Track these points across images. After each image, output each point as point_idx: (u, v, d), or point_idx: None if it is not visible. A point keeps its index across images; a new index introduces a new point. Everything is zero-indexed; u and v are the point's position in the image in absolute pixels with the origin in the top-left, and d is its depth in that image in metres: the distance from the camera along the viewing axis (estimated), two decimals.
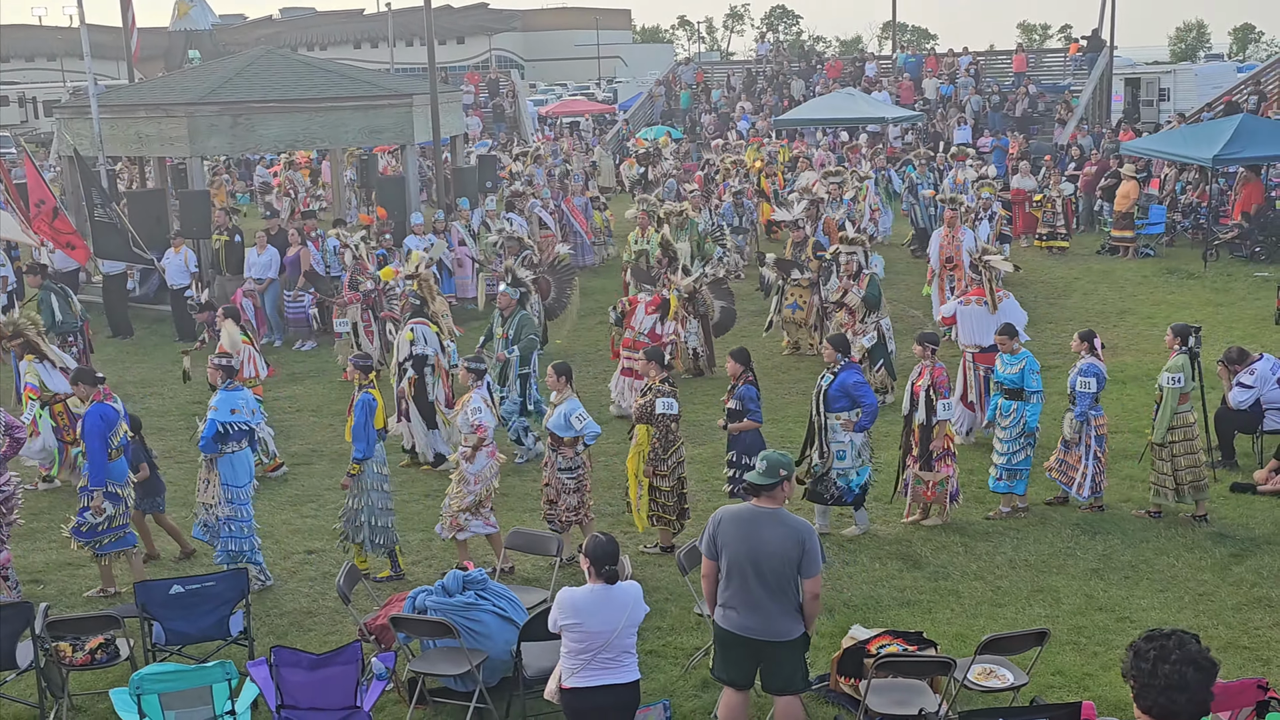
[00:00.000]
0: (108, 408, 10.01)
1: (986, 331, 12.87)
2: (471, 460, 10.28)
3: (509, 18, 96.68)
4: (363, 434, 10.26)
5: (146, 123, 21.57)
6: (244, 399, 10.32)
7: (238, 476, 10.17)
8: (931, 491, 11.11)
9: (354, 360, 10.82)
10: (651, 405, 10.52)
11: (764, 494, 7.06)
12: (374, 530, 10.36)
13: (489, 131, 43.24)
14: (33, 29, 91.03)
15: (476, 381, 10.61)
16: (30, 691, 8.28)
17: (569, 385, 10.52)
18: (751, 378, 10.92)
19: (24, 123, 58.85)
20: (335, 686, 7.45)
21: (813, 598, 7.09)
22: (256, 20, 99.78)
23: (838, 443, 10.84)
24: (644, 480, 10.61)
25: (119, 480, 10.06)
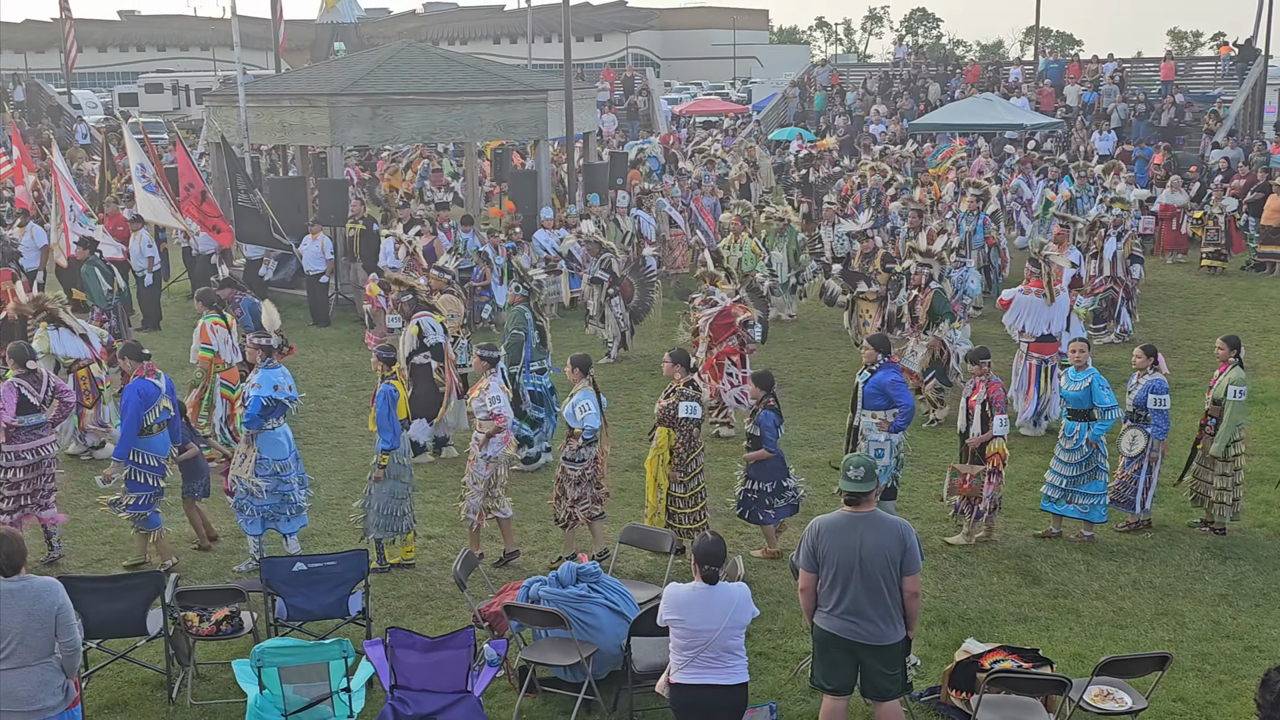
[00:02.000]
0: (148, 384, 10.41)
1: (1040, 322, 13.64)
2: (484, 446, 10.38)
3: (647, 16, 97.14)
4: (387, 424, 10.40)
5: (290, 112, 22.18)
6: (283, 376, 10.60)
7: (277, 451, 10.46)
8: (968, 484, 10.82)
9: (378, 352, 10.97)
10: (674, 408, 10.43)
11: (863, 501, 7.03)
12: (381, 517, 10.46)
13: (624, 129, 43.46)
14: (187, 19, 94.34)
15: (491, 369, 10.66)
16: (158, 658, 8.60)
17: (584, 378, 10.48)
18: (773, 403, 10.70)
19: (176, 110, 60.92)
20: (448, 670, 7.58)
21: (913, 595, 7.06)
22: (400, 14, 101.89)
23: (874, 441, 10.71)
24: (663, 484, 10.54)
25: (158, 453, 10.46)
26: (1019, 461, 12.33)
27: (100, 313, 16.11)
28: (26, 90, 44.37)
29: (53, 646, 6.59)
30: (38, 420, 10.60)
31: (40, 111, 42.63)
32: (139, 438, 10.34)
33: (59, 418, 10.99)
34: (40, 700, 6.56)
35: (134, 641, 8.56)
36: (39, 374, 10.79)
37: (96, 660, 8.55)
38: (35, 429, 10.60)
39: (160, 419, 10.48)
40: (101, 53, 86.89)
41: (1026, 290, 13.92)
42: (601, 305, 17.22)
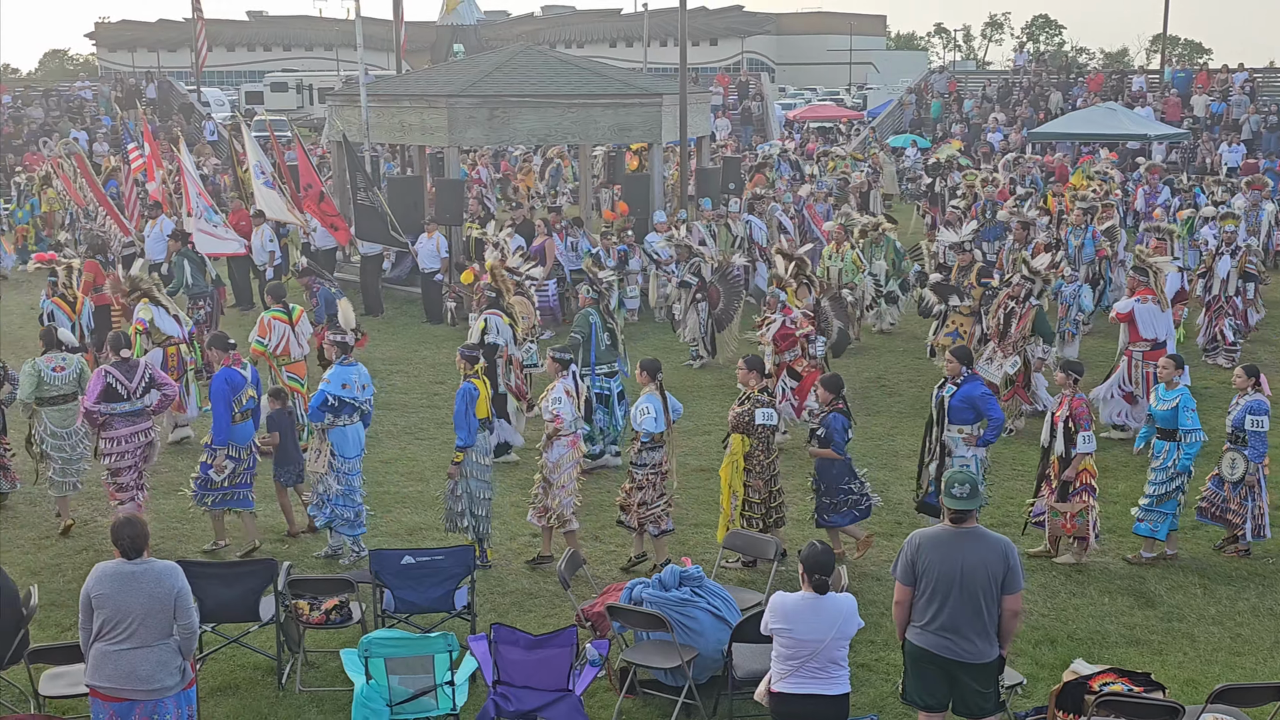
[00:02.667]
0: (235, 373, 10.75)
1: (1160, 328, 13.93)
2: (549, 449, 10.42)
3: (763, 21, 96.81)
4: (463, 422, 10.48)
5: (410, 112, 22.58)
6: (357, 374, 10.75)
7: (346, 449, 10.63)
8: (1070, 524, 10.56)
9: (461, 351, 11.05)
10: (750, 415, 10.38)
11: (967, 517, 6.94)
12: (474, 518, 10.60)
13: (737, 134, 43.40)
14: (312, 20, 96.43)
15: (562, 372, 10.67)
16: (270, 644, 8.81)
17: (652, 382, 10.45)
18: (843, 406, 10.60)
19: (299, 108, 62.33)
20: (550, 668, 7.65)
21: (1013, 614, 6.97)
22: (519, 17, 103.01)
23: (960, 457, 10.51)
24: (738, 492, 10.47)
25: (241, 443, 10.76)
26: (1135, 479, 12.03)
27: (191, 302, 16.67)
28: (158, 88, 45.74)
29: (171, 628, 6.80)
30: (130, 408, 10.79)
31: (171, 108, 43.92)
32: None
33: (159, 408, 11.26)
34: (159, 680, 6.77)
35: (247, 627, 8.78)
36: (133, 364, 11.01)
37: (211, 644, 8.79)
38: (130, 416, 10.82)
39: (245, 408, 10.81)
40: (230, 52, 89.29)
41: (1144, 299, 13.93)
42: (687, 310, 17.23)
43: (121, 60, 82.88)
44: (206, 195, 19.36)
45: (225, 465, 10.67)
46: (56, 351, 11.72)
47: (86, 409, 10.81)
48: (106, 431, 10.81)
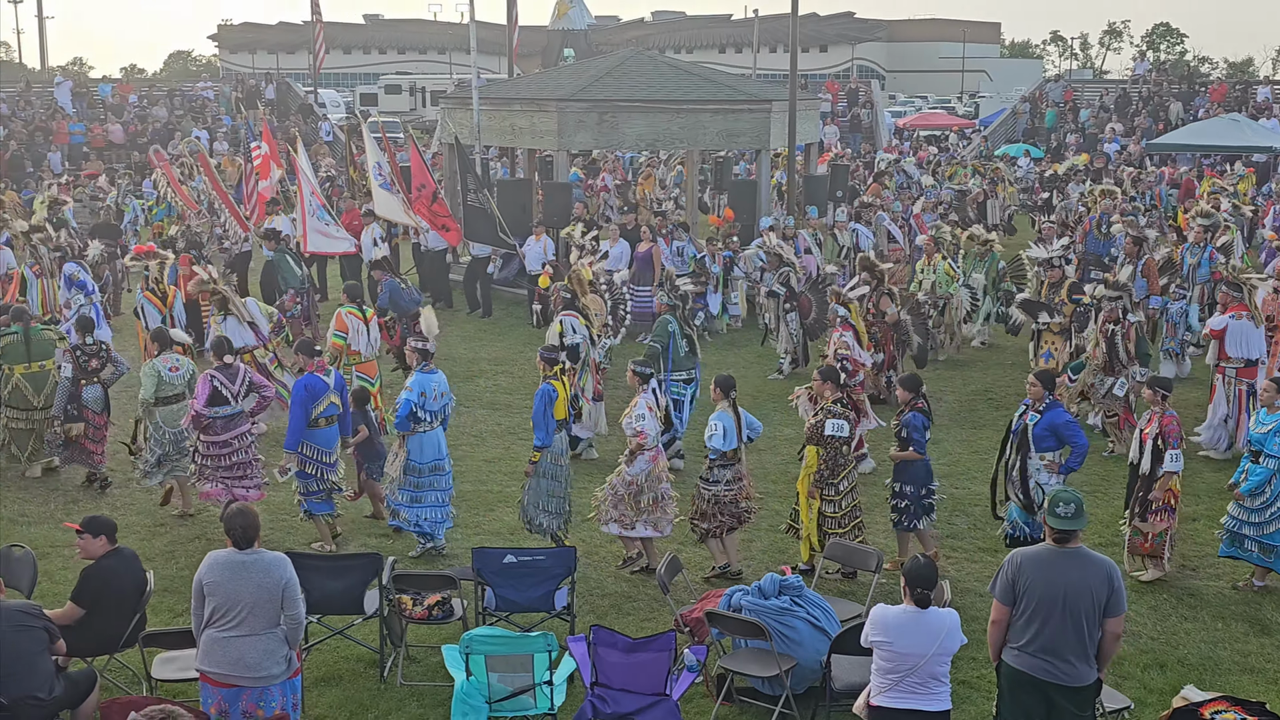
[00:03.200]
0: (317, 379, 10.93)
1: (1253, 345, 13.71)
2: (631, 464, 10.40)
3: (874, 27, 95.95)
4: (542, 422, 10.58)
5: (520, 115, 22.80)
6: (436, 382, 10.89)
7: (422, 455, 10.80)
8: (1150, 544, 10.30)
9: (541, 352, 11.13)
10: (821, 426, 10.28)
11: (1071, 538, 6.81)
12: (538, 513, 10.68)
13: (845, 141, 43.08)
14: (427, 24, 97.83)
15: (643, 385, 10.65)
16: (373, 637, 8.97)
17: (725, 398, 10.40)
18: (922, 404, 10.47)
19: (412, 110, 63.31)
20: (647, 672, 7.66)
21: (1115, 638, 6.82)
22: (629, 22, 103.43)
23: (1045, 485, 10.24)
24: (813, 503, 10.36)
25: (322, 446, 10.94)
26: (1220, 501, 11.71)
27: (294, 293, 17.08)
28: (277, 89, 46.82)
29: (279, 618, 6.96)
30: (231, 411, 11.22)
31: (289, 109, 44.93)
32: (306, 430, 10.85)
33: (257, 410, 11.61)
34: (266, 668, 6.93)
35: (351, 619, 8.95)
36: (235, 368, 11.42)
37: (316, 634, 8.96)
38: (231, 419, 11.24)
39: (327, 413, 10.98)
40: (346, 54, 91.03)
41: (1239, 315, 13.70)
42: (778, 320, 17.11)
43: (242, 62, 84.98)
44: (319, 195, 19.76)
45: (289, 467, 10.88)
46: (170, 352, 12.11)
47: (196, 412, 11.18)
48: (206, 434, 11.21)
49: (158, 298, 15.24)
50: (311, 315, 17.52)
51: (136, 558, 8.42)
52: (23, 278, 16.95)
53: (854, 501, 10.54)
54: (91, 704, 7.64)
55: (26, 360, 12.79)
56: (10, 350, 12.80)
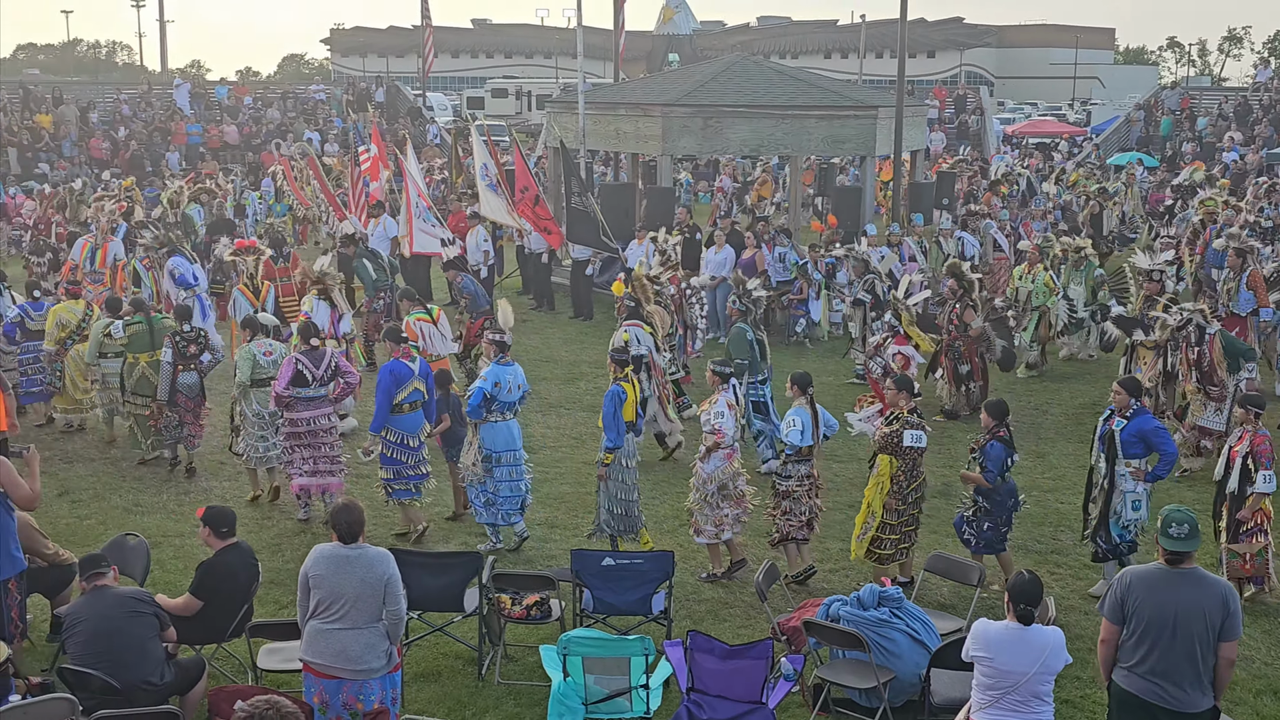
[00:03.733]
0: (402, 365, 11.22)
1: None
2: (706, 461, 10.41)
3: (983, 33, 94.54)
4: (612, 424, 10.66)
5: (625, 120, 22.91)
6: (512, 374, 11.10)
7: (495, 443, 11.01)
8: (1250, 564, 9.95)
9: (611, 354, 11.25)
10: (899, 436, 10.11)
11: (1185, 558, 6.63)
12: (611, 515, 10.74)
13: (951, 149, 42.52)
14: (534, 29, 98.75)
15: (722, 385, 10.63)
16: (472, 635, 9.06)
17: (802, 395, 10.41)
18: (1004, 434, 10.12)
19: (518, 114, 63.92)
20: (744, 679, 7.63)
21: (1229, 663, 6.61)
22: (734, 27, 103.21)
23: (1130, 493, 10.00)
24: (877, 513, 10.21)
25: (406, 431, 11.24)
26: None
27: (369, 300, 17.51)
28: (387, 92, 47.61)
29: (380, 613, 7.06)
30: (314, 394, 11.57)
31: (398, 112, 45.65)
32: (391, 415, 11.15)
33: (340, 395, 11.99)
34: (367, 661, 7.04)
35: (451, 616, 9.06)
36: (321, 352, 11.76)
37: (416, 630, 9.08)
38: (311, 401, 11.57)
39: (411, 399, 11.24)
40: (454, 58, 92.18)
41: None
42: (862, 327, 16.86)
43: (353, 65, 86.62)
44: (425, 197, 20.04)
45: (372, 449, 11.28)
46: (264, 337, 12.53)
47: (277, 393, 11.55)
48: (289, 412, 11.62)
49: (251, 291, 15.71)
50: (394, 312, 17.77)
51: (251, 552, 8.62)
52: (135, 270, 17.58)
53: (916, 513, 10.42)
54: (200, 691, 7.84)
55: (150, 349, 13.24)
56: (136, 340, 13.29)
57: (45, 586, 8.95)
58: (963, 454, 12.40)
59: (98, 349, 13.58)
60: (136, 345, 13.26)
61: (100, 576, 7.62)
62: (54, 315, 14.18)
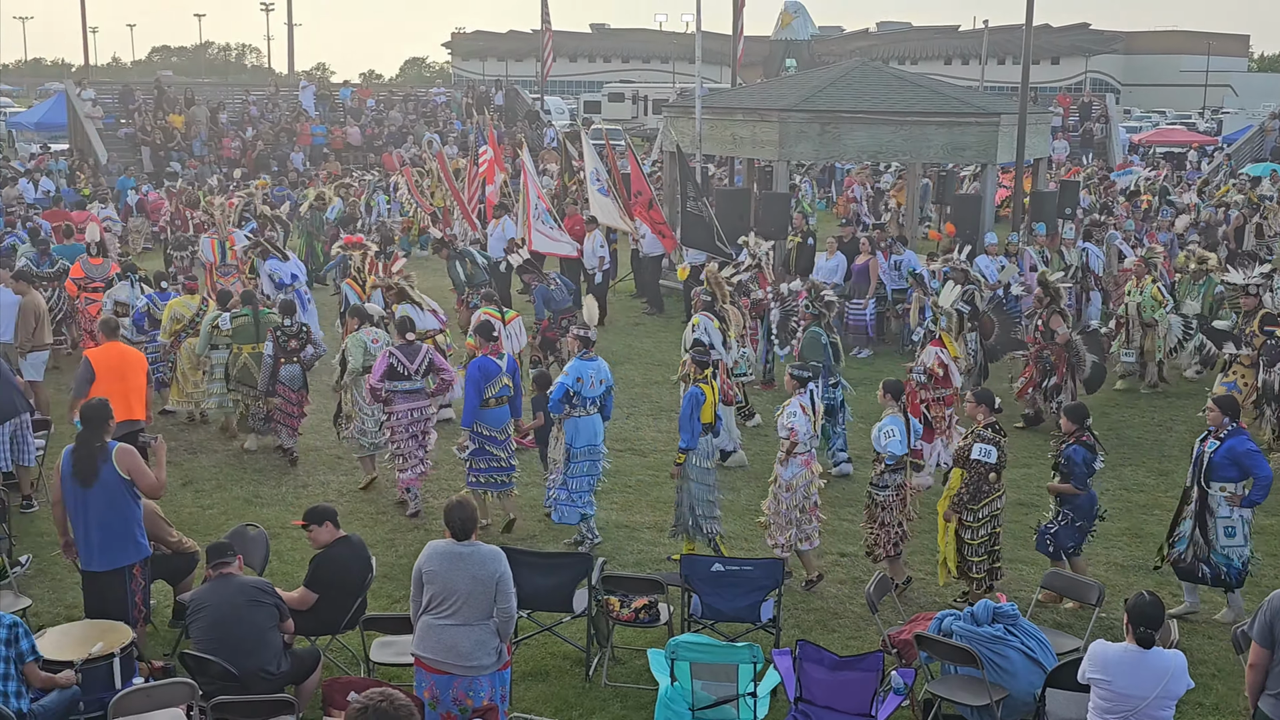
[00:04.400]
0: (490, 361, 11.48)
1: None
2: (784, 465, 10.41)
3: (1110, 39, 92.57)
4: (688, 425, 10.70)
5: (742, 125, 22.83)
6: (595, 370, 11.21)
7: (576, 439, 11.15)
8: None
9: (692, 354, 11.33)
10: (969, 448, 9.96)
11: None
12: (691, 515, 10.76)
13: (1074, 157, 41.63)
14: (651, 33, 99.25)
15: (800, 389, 10.59)
16: (580, 636, 9.10)
17: (895, 403, 10.39)
18: (1087, 438, 9.98)
19: (634, 118, 64.20)
20: (853, 691, 7.54)
21: None
22: (853, 33, 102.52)
23: (1222, 518, 9.62)
24: (949, 526, 10.03)
25: (494, 426, 11.49)
26: None
27: (460, 300, 17.99)
28: (506, 95, 48.17)
29: (491, 610, 7.12)
30: (409, 387, 11.94)
31: (517, 115, 46.15)
32: (479, 409, 11.42)
33: (438, 390, 12.29)
34: (477, 658, 7.10)
35: (560, 616, 9.11)
36: (415, 347, 12.11)
37: (525, 629, 9.14)
38: (409, 394, 11.97)
39: (499, 394, 11.50)
40: (572, 62, 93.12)
41: None
42: (957, 338, 16.50)
43: (473, 68, 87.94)
44: (545, 199, 20.23)
45: (467, 444, 11.53)
46: (371, 326, 13.04)
47: (371, 386, 11.98)
48: (388, 406, 12.04)
49: (358, 285, 16.20)
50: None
51: (364, 545, 8.79)
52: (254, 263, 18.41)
53: (994, 530, 10.15)
54: (314, 681, 7.99)
55: (255, 341, 13.75)
56: (241, 331, 13.82)
57: (169, 573, 9.21)
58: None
59: (208, 341, 14.08)
60: (241, 337, 13.79)
61: (226, 565, 7.82)
62: (169, 309, 14.76)
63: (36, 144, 41.97)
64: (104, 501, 8.19)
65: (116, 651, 7.59)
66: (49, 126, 43.62)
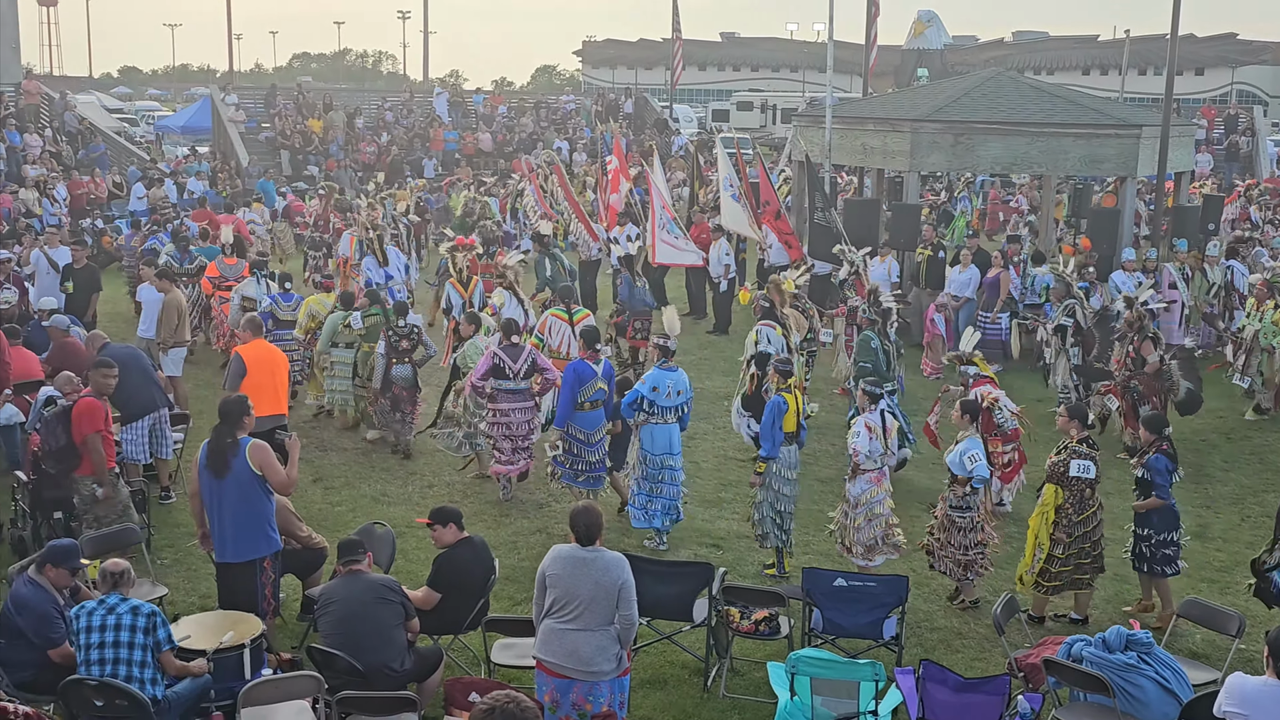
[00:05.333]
0: (585, 366, 11.77)
1: None
2: (852, 481, 10.52)
3: (1259, 50, 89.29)
4: (769, 434, 10.75)
5: (873, 135, 22.58)
6: (673, 380, 11.37)
7: (653, 445, 11.36)
8: None
9: (775, 364, 11.38)
10: (1064, 465, 9.77)
11: None
12: (768, 521, 10.81)
13: (1219, 171, 40.32)
14: (781, 42, 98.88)
15: (872, 405, 10.60)
16: (699, 645, 9.07)
17: (973, 425, 10.24)
18: (1166, 447, 9.82)
19: (762, 127, 64.00)
20: (978, 714, 7.40)
21: None
22: (987, 42, 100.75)
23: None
24: (1044, 544, 9.86)
25: (587, 429, 11.76)
26: None
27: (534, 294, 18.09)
28: (635, 103, 48.40)
29: (613, 616, 7.13)
30: (513, 387, 12.33)
31: (645, 123, 46.34)
32: (574, 412, 11.69)
33: (543, 390, 12.59)
34: (598, 663, 7.12)
35: (680, 625, 9.08)
36: (520, 348, 12.47)
37: (645, 637, 9.12)
38: (513, 394, 12.35)
39: (593, 398, 11.76)
40: (701, 71, 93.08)
41: None
42: (1057, 355, 15.97)
43: (603, 76, 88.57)
44: (670, 209, 20.25)
45: (558, 444, 11.88)
46: (485, 334, 13.30)
47: (473, 384, 12.30)
48: (493, 404, 12.43)
49: (461, 285, 16.65)
50: None
51: (486, 546, 8.89)
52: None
53: (1084, 546, 9.99)
54: (436, 680, 8.10)
55: None
56: (373, 330, 14.34)
57: (298, 567, 9.42)
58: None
59: (330, 339, 14.54)
60: (373, 335, 14.31)
61: (357, 562, 7.98)
62: (306, 306, 15.34)
63: (183, 146, 43.42)
64: (237, 495, 8.41)
65: (247, 642, 7.80)
66: (194, 130, 45.11)
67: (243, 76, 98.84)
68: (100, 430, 10.09)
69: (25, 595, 7.73)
